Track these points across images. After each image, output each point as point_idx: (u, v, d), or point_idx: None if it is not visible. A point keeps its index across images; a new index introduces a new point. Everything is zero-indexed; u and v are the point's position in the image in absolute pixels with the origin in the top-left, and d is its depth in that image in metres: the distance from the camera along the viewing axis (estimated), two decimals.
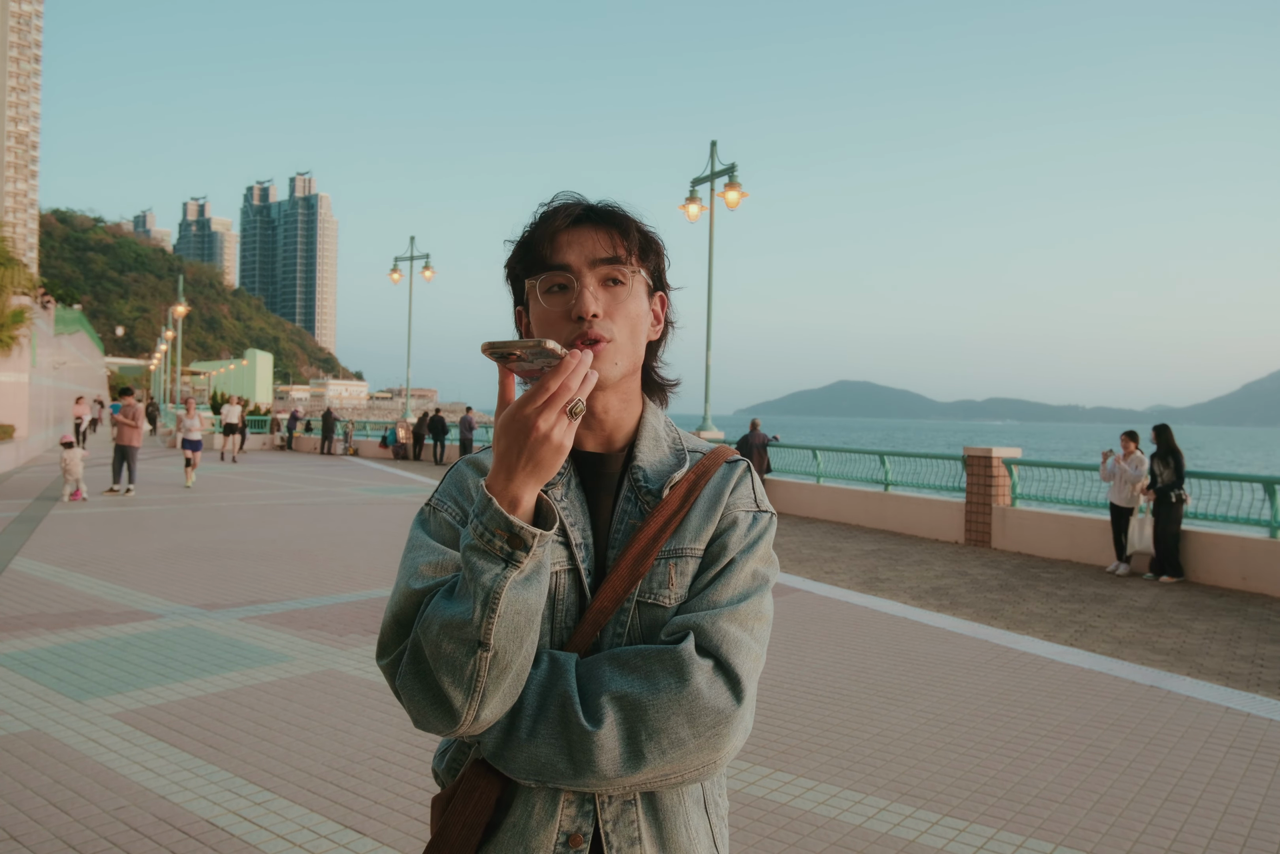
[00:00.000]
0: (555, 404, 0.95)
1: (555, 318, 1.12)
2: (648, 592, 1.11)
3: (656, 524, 1.14)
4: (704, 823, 1.14)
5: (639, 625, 1.11)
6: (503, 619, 0.96)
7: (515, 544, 0.96)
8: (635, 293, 1.15)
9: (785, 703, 4.86)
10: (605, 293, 1.13)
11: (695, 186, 17.56)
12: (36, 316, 24.55)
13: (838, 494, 14.35)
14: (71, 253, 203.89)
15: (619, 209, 1.18)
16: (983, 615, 7.50)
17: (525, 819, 1.07)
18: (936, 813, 3.53)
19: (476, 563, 0.97)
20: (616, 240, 1.15)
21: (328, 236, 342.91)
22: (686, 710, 1.01)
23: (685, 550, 1.14)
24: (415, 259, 29.51)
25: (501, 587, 0.95)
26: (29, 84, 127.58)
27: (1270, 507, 9.16)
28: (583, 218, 1.15)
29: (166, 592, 7.28)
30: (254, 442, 31.43)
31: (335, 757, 3.96)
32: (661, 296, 1.24)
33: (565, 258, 1.13)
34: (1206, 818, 3.55)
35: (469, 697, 0.98)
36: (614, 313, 1.13)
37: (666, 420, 1.27)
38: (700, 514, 1.16)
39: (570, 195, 1.19)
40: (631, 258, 1.15)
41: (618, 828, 1.08)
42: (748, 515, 1.18)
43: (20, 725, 4.28)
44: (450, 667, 0.97)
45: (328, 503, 14.30)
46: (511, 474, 0.97)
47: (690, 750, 1.02)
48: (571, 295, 1.12)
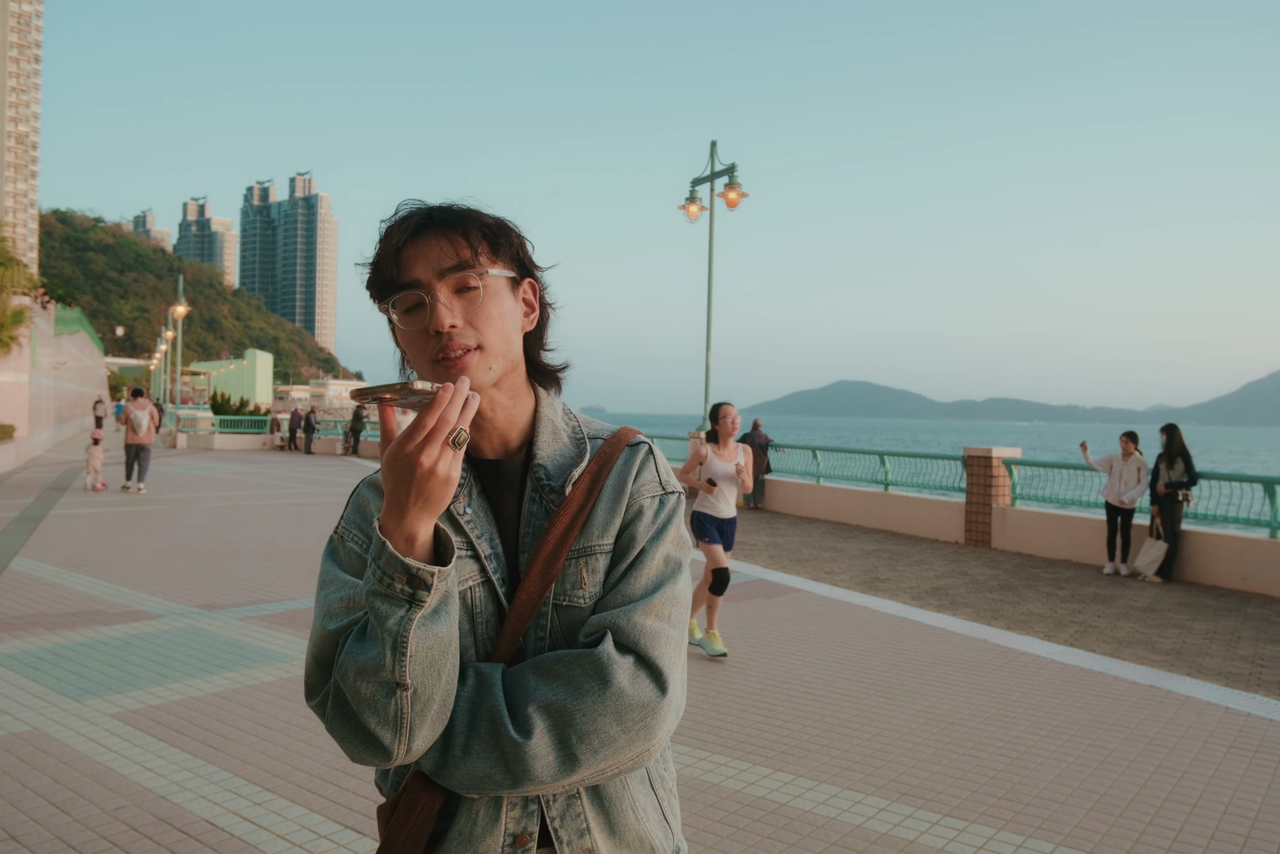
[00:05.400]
0: (436, 438, 0.94)
1: (416, 336, 1.09)
2: (562, 594, 1.11)
3: (563, 524, 1.12)
4: (651, 800, 1.15)
5: (559, 627, 1.10)
6: (415, 659, 0.96)
7: (416, 584, 0.95)
8: (493, 292, 1.11)
9: (785, 703, 4.86)
10: (460, 300, 1.09)
11: (695, 187, 17.56)
12: (36, 316, 24.54)
13: (838, 494, 14.35)
14: (71, 253, 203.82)
15: (459, 209, 1.13)
16: (982, 615, 7.50)
17: (470, 827, 1.08)
18: (936, 813, 3.53)
19: (380, 607, 0.96)
20: (460, 243, 1.10)
21: (328, 236, 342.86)
22: (613, 710, 1.02)
23: (594, 547, 1.12)
24: None
25: (408, 629, 0.95)
26: (29, 84, 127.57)
27: (1270, 507, 9.17)
28: (422, 227, 1.11)
29: (166, 592, 7.28)
30: (254, 441, 31.44)
31: (335, 757, 3.96)
32: (531, 283, 1.19)
33: (413, 274, 1.09)
34: (1206, 818, 3.55)
35: (397, 734, 0.99)
36: (474, 319, 1.09)
37: (564, 408, 1.24)
38: (605, 507, 1.14)
39: (411, 204, 1.14)
40: (480, 258, 1.11)
41: (565, 822, 1.09)
42: (653, 501, 1.16)
43: (20, 725, 4.28)
44: (373, 708, 0.98)
45: (328, 503, 14.31)
46: (403, 511, 0.96)
47: (622, 746, 1.03)
48: (427, 311, 1.08)
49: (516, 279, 1.16)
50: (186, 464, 22.60)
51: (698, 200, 17.51)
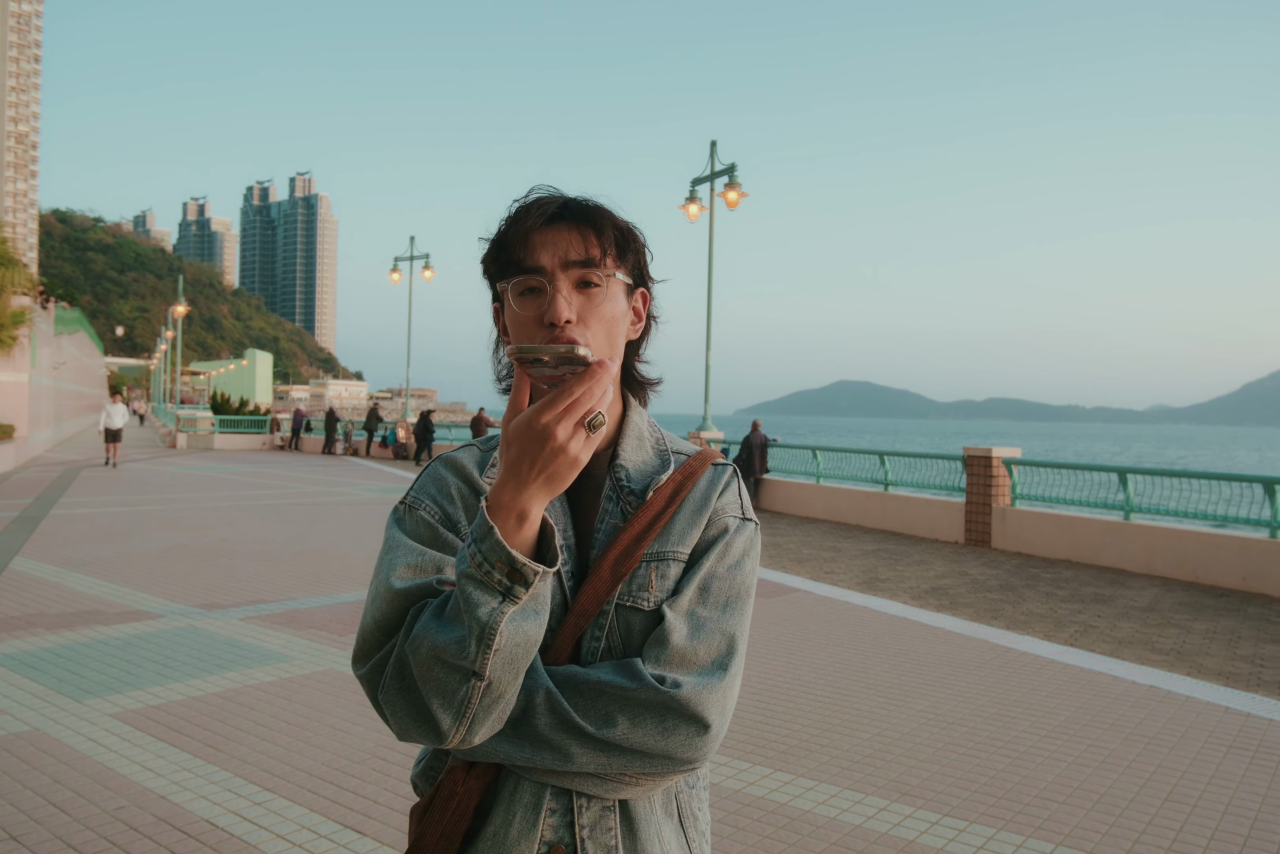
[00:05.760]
0: (574, 412, 0.91)
1: (529, 322, 1.09)
2: (627, 595, 1.10)
3: (640, 525, 1.12)
4: (679, 838, 1.13)
5: (617, 628, 1.10)
6: (500, 653, 0.93)
7: (515, 578, 0.92)
8: (611, 295, 1.11)
9: (785, 703, 4.86)
10: (579, 296, 1.09)
11: (695, 186, 17.55)
12: (36, 316, 24.53)
13: (837, 494, 14.36)
14: (71, 253, 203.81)
15: (594, 205, 1.13)
16: (983, 615, 7.50)
17: (506, 828, 1.07)
18: (936, 813, 3.53)
19: (472, 593, 0.92)
20: (591, 240, 1.10)
21: (327, 236, 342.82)
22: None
23: (669, 554, 1.12)
24: (415, 259, 29.50)
25: (499, 622, 0.92)
26: (29, 84, 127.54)
27: (1270, 507, 9.16)
28: (557, 216, 1.11)
29: (166, 592, 7.28)
30: (254, 441, 31.43)
31: (335, 757, 3.96)
32: (643, 293, 1.19)
33: (538, 260, 1.09)
34: (1206, 818, 3.55)
35: (458, 720, 0.96)
36: (588, 317, 1.09)
37: (650, 421, 1.24)
38: (686, 518, 1.14)
39: (545, 189, 1.15)
40: (607, 259, 1.11)
41: (594, 835, 1.07)
42: (736, 521, 1.17)
43: (20, 725, 4.28)
44: (440, 691, 0.95)
45: (328, 503, 14.30)
46: (522, 486, 0.92)
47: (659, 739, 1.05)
48: (544, 299, 1.08)
49: (632, 286, 1.17)
50: (186, 464, 22.60)
51: (698, 200, 17.50)
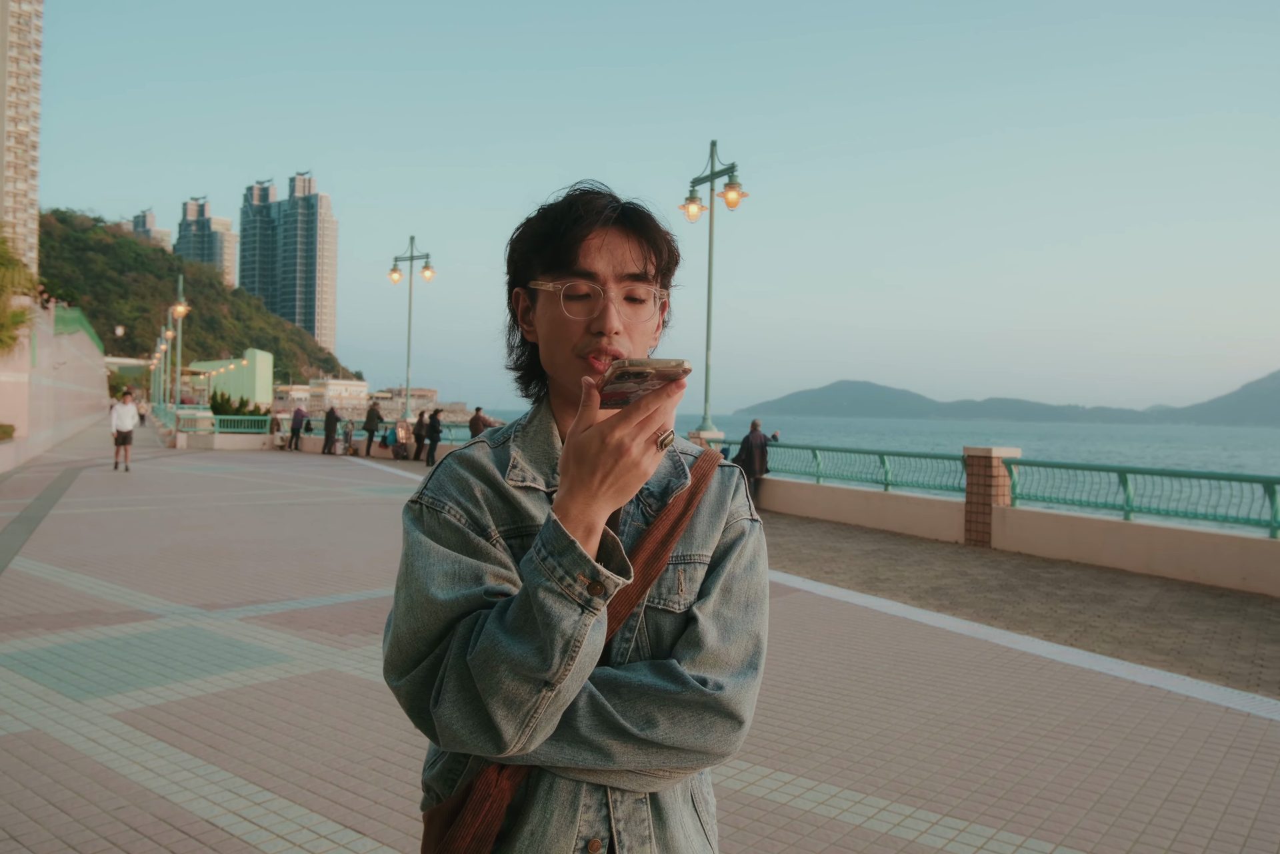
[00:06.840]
0: (648, 428, 0.92)
1: (575, 325, 1.09)
2: (657, 597, 1.11)
3: (664, 528, 1.13)
4: (695, 822, 1.17)
5: (646, 630, 1.11)
6: (578, 664, 0.94)
7: (595, 591, 0.93)
8: (651, 308, 1.14)
9: (785, 703, 4.86)
10: (627, 308, 1.11)
11: (695, 187, 17.55)
12: (36, 316, 24.53)
13: (837, 494, 14.36)
14: (71, 253, 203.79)
15: (652, 218, 1.14)
16: (983, 615, 7.50)
17: (544, 826, 1.06)
18: (936, 813, 3.53)
19: (552, 606, 0.92)
20: (647, 253, 1.12)
21: (328, 236, 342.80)
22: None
23: (694, 556, 1.14)
24: (415, 259, 29.50)
25: (583, 634, 0.93)
26: (29, 84, 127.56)
27: (1270, 507, 9.16)
28: (612, 219, 1.11)
29: (166, 592, 7.28)
30: (254, 441, 31.43)
31: (335, 757, 3.96)
32: (665, 302, 1.21)
33: (594, 266, 1.09)
34: (1206, 818, 3.55)
35: (521, 730, 0.96)
36: (632, 329, 1.11)
37: None
38: (705, 520, 1.17)
39: (595, 185, 1.15)
40: (656, 276, 1.13)
41: (629, 827, 1.09)
42: (749, 524, 1.21)
43: (20, 725, 4.28)
44: (508, 702, 0.95)
45: (328, 503, 14.30)
46: (592, 498, 0.93)
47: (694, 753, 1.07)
48: (592, 305, 1.09)
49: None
50: (186, 464, 22.60)
51: (698, 200, 17.50)
